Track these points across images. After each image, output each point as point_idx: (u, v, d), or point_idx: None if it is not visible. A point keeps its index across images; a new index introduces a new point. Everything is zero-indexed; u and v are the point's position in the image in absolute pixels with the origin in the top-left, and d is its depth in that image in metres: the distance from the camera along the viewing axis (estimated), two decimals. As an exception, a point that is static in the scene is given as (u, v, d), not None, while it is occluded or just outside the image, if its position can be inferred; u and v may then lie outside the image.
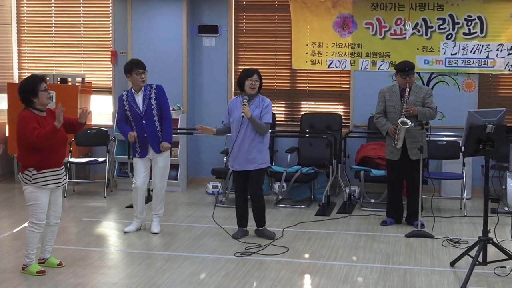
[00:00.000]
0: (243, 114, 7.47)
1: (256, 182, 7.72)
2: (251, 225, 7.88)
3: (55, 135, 6.30)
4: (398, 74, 8.15)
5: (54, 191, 6.53)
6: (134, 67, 7.81)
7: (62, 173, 6.57)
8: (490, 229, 6.48)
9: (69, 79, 10.59)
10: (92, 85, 10.95)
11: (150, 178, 8.23)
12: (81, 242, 7.63)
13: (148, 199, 8.74)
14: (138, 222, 8.08)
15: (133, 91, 7.88)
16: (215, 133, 7.81)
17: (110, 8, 10.87)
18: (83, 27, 11.09)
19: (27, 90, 6.35)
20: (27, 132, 6.25)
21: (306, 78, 10.68)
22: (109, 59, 10.90)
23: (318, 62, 10.42)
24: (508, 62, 9.89)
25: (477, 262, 6.28)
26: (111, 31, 10.90)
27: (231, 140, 7.73)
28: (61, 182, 6.55)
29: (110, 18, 10.89)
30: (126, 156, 9.74)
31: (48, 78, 10.61)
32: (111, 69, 10.95)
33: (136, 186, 7.95)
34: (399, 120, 7.96)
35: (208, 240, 7.70)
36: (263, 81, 7.77)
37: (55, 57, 11.20)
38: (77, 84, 10.53)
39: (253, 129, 7.54)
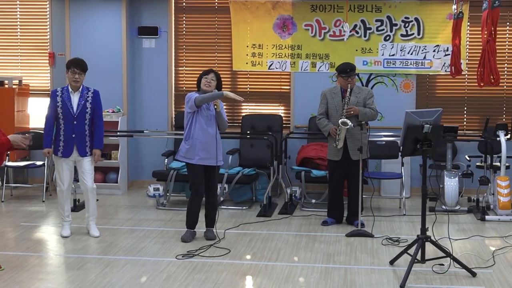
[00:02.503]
0: (215, 107, 7.40)
1: (215, 179, 7.64)
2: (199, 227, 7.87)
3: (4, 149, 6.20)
4: (340, 75, 8.21)
5: None
6: (71, 65, 7.65)
7: None
8: (428, 227, 6.58)
9: (6, 82, 10.38)
10: (30, 88, 10.75)
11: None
12: (20, 247, 7.48)
13: (80, 205, 8.70)
14: (69, 224, 7.97)
15: (70, 89, 7.72)
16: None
17: (48, 8, 10.70)
18: (20, 28, 10.88)
19: None
20: None
21: (247, 80, 10.70)
22: (47, 61, 10.73)
23: (259, 63, 10.45)
24: (445, 63, 10.06)
25: (415, 260, 6.37)
26: (48, 32, 10.73)
27: (191, 131, 7.50)
28: None
29: (48, 19, 10.71)
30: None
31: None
32: (49, 71, 10.78)
33: (63, 189, 7.82)
34: (340, 120, 8.02)
35: (149, 243, 7.64)
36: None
37: (-9, 59, 11.00)
38: (14, 86, 10.34)
39: (217, 124, 7.49)
